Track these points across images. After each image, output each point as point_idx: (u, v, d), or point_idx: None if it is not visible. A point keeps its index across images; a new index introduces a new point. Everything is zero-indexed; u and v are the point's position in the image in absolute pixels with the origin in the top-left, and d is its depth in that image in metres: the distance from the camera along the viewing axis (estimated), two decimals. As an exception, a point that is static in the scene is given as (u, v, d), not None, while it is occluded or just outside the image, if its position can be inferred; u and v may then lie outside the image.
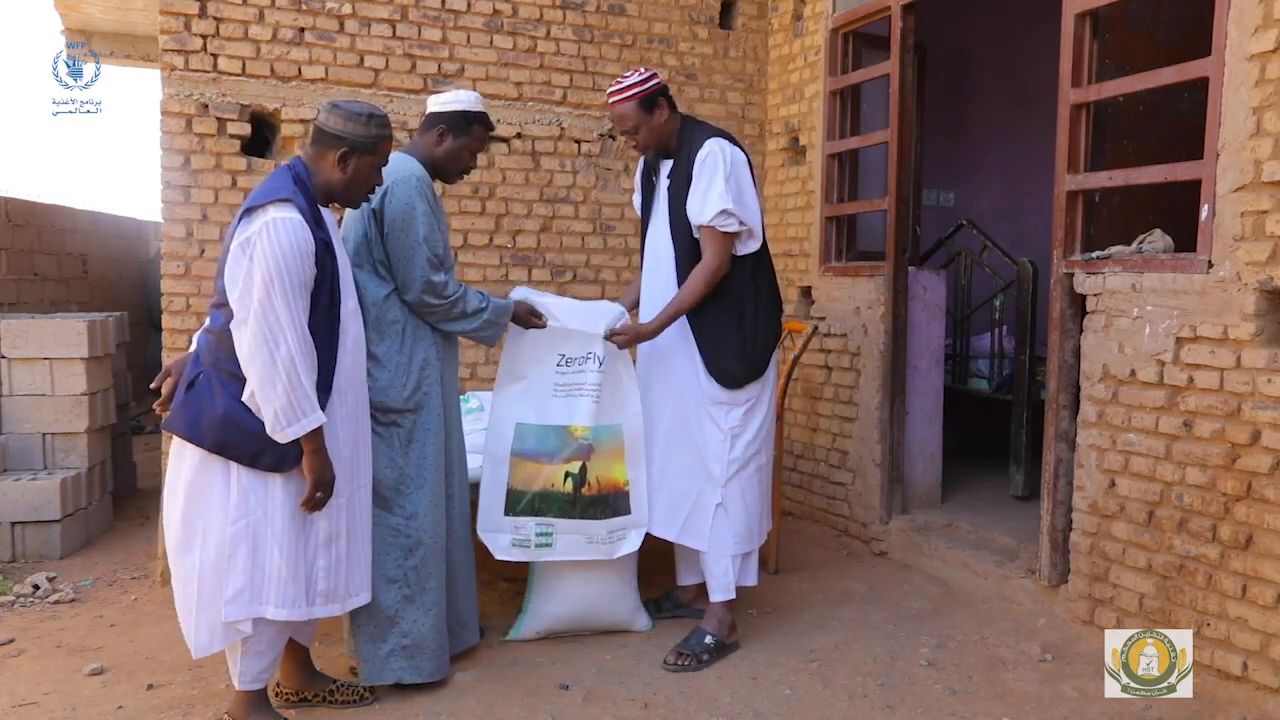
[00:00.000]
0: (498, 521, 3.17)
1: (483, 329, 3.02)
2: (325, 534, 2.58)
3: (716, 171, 3.11)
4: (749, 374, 3.22)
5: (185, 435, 2.47)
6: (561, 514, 3.18)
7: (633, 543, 3.27)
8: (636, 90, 3.18)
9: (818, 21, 4.75)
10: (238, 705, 2.64)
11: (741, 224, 3.14)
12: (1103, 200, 3.65)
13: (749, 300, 3.22)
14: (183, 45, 3.99)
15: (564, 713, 2.84)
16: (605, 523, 3.21)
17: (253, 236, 2.39)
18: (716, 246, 3.15)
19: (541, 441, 3.17)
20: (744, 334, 3.20)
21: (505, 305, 3.09)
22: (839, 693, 3.00)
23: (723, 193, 3.09)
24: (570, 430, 3.18)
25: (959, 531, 4.25)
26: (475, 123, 3.06)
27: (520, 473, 3.17)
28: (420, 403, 2.95)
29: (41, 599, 3.81)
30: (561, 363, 3.21)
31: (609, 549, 3.23)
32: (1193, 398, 2.96)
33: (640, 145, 3.28)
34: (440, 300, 2.91)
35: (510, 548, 3.17)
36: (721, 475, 3.23)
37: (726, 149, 3.15)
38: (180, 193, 3.99)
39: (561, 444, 3.18)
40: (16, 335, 4.53)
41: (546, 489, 3.17)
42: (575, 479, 3.18)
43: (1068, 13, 3.40)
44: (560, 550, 3.20)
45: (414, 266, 2.86)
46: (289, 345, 2.38)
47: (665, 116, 3.22)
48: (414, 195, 2.87)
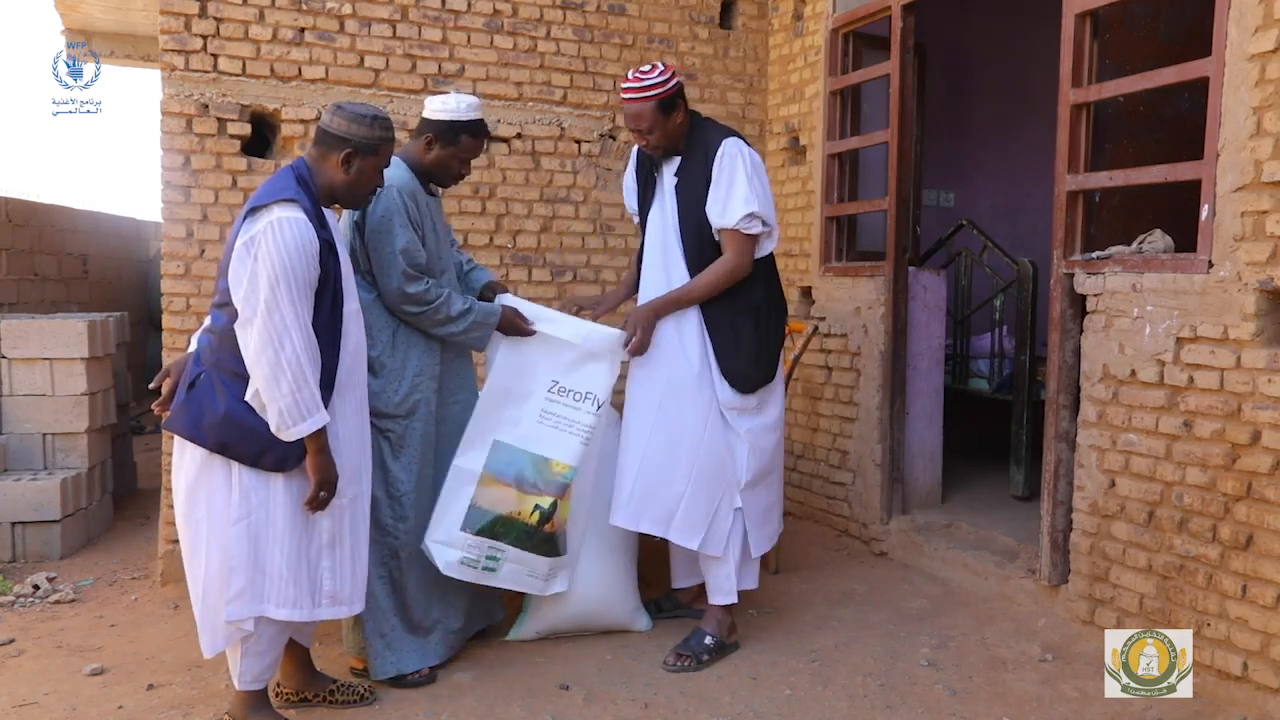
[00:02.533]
0: (452, 535, 3.00)
1: (470, 330, 3.01)
2: (329, 535, 2.58)
3: (738, 172, 3.06)
4: (763, 377, 3.19)
5: (187, 435, 2.48)
6: (517, 543, 3.04)
7: (563, 583, 3.21)
8: (658, 91, 3.06)
9: (818, 21, 4.75)
10: (238, 705, 2.64)
11: (765, 224, 3.11)
12: (1103, 200, 3.65)
13: (763, 303, 3.19)
14: (183, 45, 3.99)
15: (564, 713, 2.84)
16: (549, 560, 3.12)
17: (257, 236, 2.40)
18: (739, 247, 3.11)
19: (518, 466, 3.03)
20: (760, 337, 3.17)
21: (491, 308, 3.08)
22: (839, 693, 3.00)
23: (748, 195, 3.05)
24: (552, 464, 3.05)
25: (959, 531, 4.25)
26: (463, 132, 2.99)
27: (488, 492, 3.01)
28: (413, 409, 2.98)
29: (42, 599, 3.81)
30: (555, 389, 3.09)
31: (544, 585, 3.16)
32: (1193, 398, 2.96)
33: (651, 145, 3.18)
34: (419, 308, 2.92)
35: (459, 565, 3.00)
36: (742, 481, 3.20)
37: (745, 149, 3.11)
38: (180, 193, 3.99)
39: (540, 475, 3.04)
40: (17, 335, 4.53)
41: (511, 515, 3.03)
42: (544, 514, 3.05)
43: (1068, 13, 3.40)
44: (500, 577, 3.07)
45: (390, 278, 2.88)
46: (294, 345, 2.39)
47: (681, 118, 3.14)
48: (392, 208, 2.88)
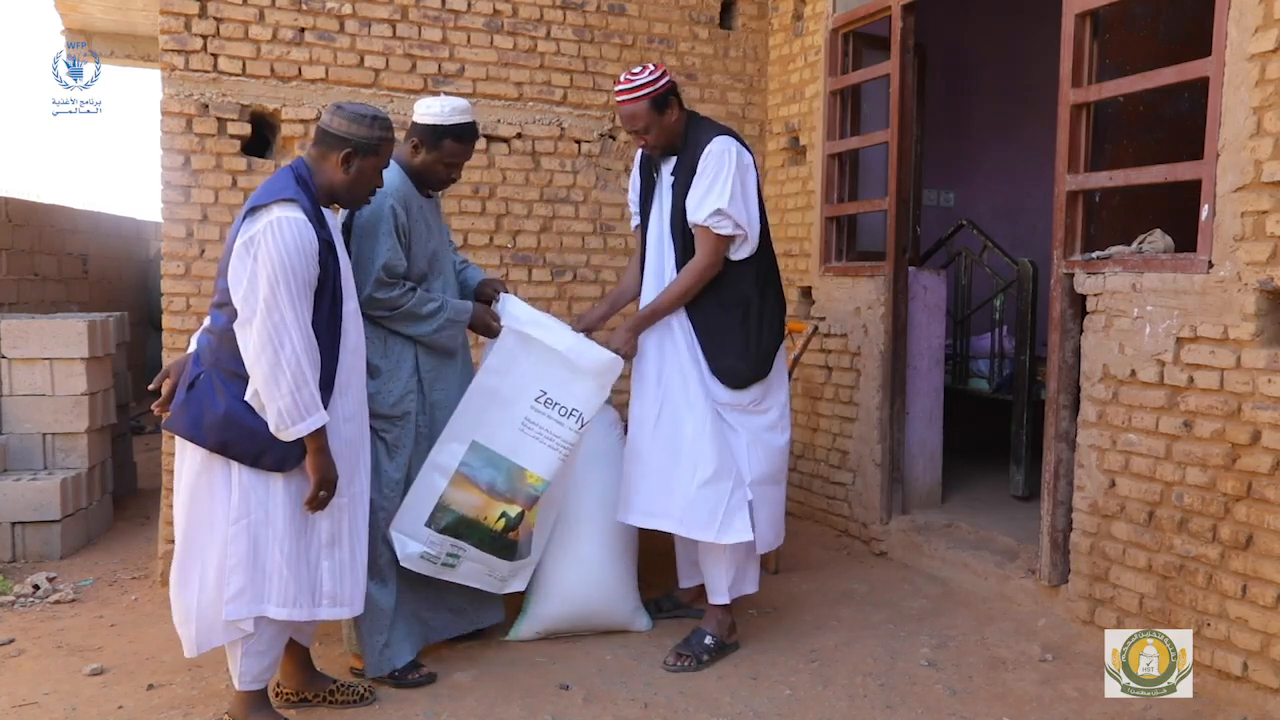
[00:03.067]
0: (416, 529, 2.99)
1: (443, 329, 3.01)
2: (328, 535, 2.58)
3: (720, 170, 3.06)
4: (752, 374, 3.18)
5: (187, 435, 2.48)
6: (479, 545, 3.04)
7: (523, 581, 3.23)
8: (649, 90, 3.08)
9: (818, 21, 4.75)
10: (238, 705, 2.65)
11: (738, 227, 3.09)
12: (1103, 200, 3.65)
13: (755, 302, 3.18)
14: (183, 45, 3.98)
15: (564, 713, 2.84)
16: (509, 563, 3.13)
17: (257, 235, 2.40)
18: (707, 246, 3.10)
19: (492, 471, 3.02)
20: (748, 333, 3.16)
21: (463, 305, 3.08)
22: (839, 693, 3.00)
23: (720, 192, 3.04)
24: (526, 475, 3.03)
25: (959, 531, 4.25)
26: (446, 137, 2.97)
27: (458, 493, 3.00)
28: (408, 411, 3.00)
29: (42, 599, 3.81)
30: (541, 398, 3.06)
31: (502, 585, 3.17)
32: (1193, 398, 2.96)
33: (649, 145, 3.20)
34: (385, 311, 2.94)
35: (418, 559, 2.99)
36: (748, 477, 3.19)
37: (733, 148, 3.10)
38: (180, 193, 3.99)
39: (511, 484, 3.03)
40: (17, 335, 4.53)
41: (476, 519, 3.02)
42: (509, 522, 3.04)
43: (1068, 13, 3.40)
44: (459, 574, 3.07)
45: (364, 282, 2.88)
46: (294, 344, 2.39)
47: (676, 115, 3.16)
48: (380, 216, 2.89)
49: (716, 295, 3.15)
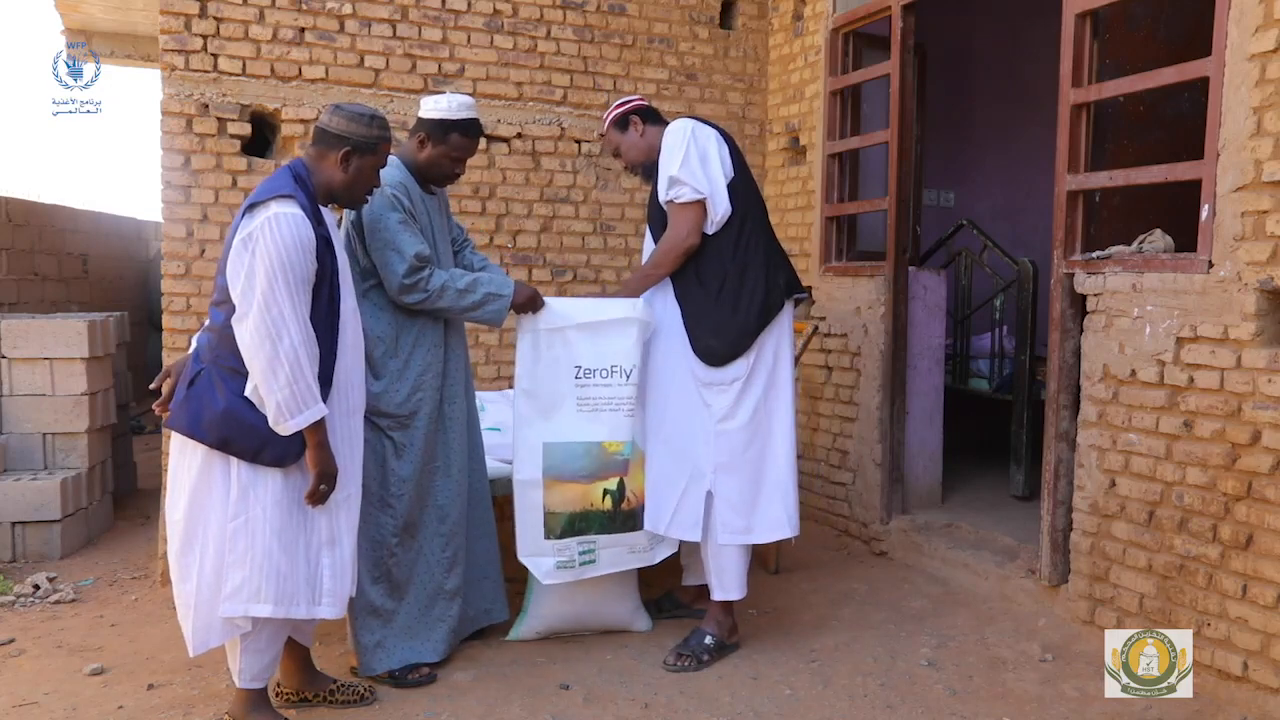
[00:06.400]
0: (539, 545, 3.08)
1: (485, 302, 3.00)
2: (327, 533, 2.58)
3: (674, 145, 3.11)
4: (728, 351, 3.11)
5: (187, 432, 2.48)
6: (603, 530, 3.13)
7: (671, 545, 3.26)
8: (613, 114, 3.28)
9: (818, 21, 4.76)
10: (238, 704, 2.65)
11: (697, 191, 3.06)
12: (1103, 200, 3.65)
13: (730, 273, 3.13)
14: (183, 45, 3.99)
15: (564, 713, 2.84)
16: (643, 533, 3.19)
17: (255, 231, 2.41)
18: (676, 219, 3.12)
19: (573, 459, 3.08)
20: (721, 309, 3.12)
21: (505, 280, 3.09)
22: (839, 693, 3.00)
23: (669, 162, 3.09)
24: (605, 446, 3.10)
25: (959, 531, 4.25)
26: (453, 131, 3.00)
27: (556, 494, 3.08)
28: (416, 409, 3.00)
29: (42, 599, 3.81)
30: (580, 375, 3.11)
31: (650, 555, 3.23)
32: (1193, 398, 2.96)
33: (627, 165, 3.33)
34: (423, 294, 2.94)
35: (555, 570, 3.10)
36: (711, 461, 3.14)
37: (688, 125, 3.14)
38: (180, 193, 3.99)
39: (596, 461, 3.10)
40: (17, 335, 4.53)
41: (586, 509, 3.10)
42: (614, 495, 3.11)
43: (1068, 13, 3.40)
44: (604, 564, 3.16)
45: (390, 274, 2.91)
46: (292, 338, 2.40)
47: (641, 131, 3.25)
48: (385, 207, 2.91)
49: (696, 271, 3.16)
